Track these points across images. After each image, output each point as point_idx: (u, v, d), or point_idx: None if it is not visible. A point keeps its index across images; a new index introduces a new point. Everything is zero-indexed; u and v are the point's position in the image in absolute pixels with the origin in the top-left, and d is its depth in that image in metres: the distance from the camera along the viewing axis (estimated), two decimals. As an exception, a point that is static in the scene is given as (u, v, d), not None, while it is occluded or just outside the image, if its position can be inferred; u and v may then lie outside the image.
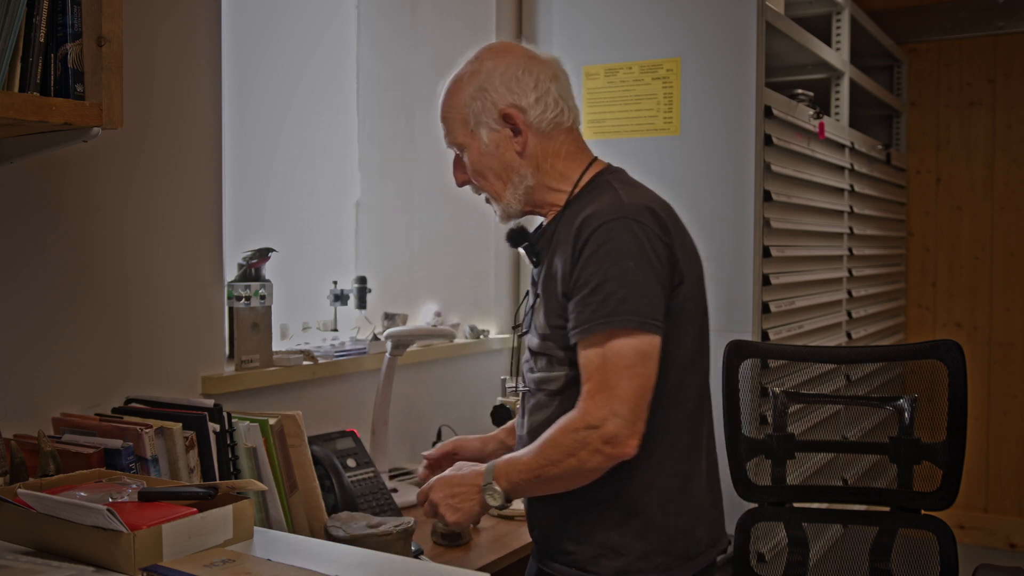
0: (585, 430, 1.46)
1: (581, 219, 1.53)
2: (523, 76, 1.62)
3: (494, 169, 1.64)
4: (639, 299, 1.47)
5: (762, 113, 2.67)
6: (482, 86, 1.62)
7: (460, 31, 2.96)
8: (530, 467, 1.51)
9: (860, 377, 3.36)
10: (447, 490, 1.56)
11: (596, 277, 1.48)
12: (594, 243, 1.49)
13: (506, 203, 1.65)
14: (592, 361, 1.48)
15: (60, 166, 1.78)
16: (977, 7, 4.49)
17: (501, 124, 1.62)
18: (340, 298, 2.57)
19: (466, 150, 1.65)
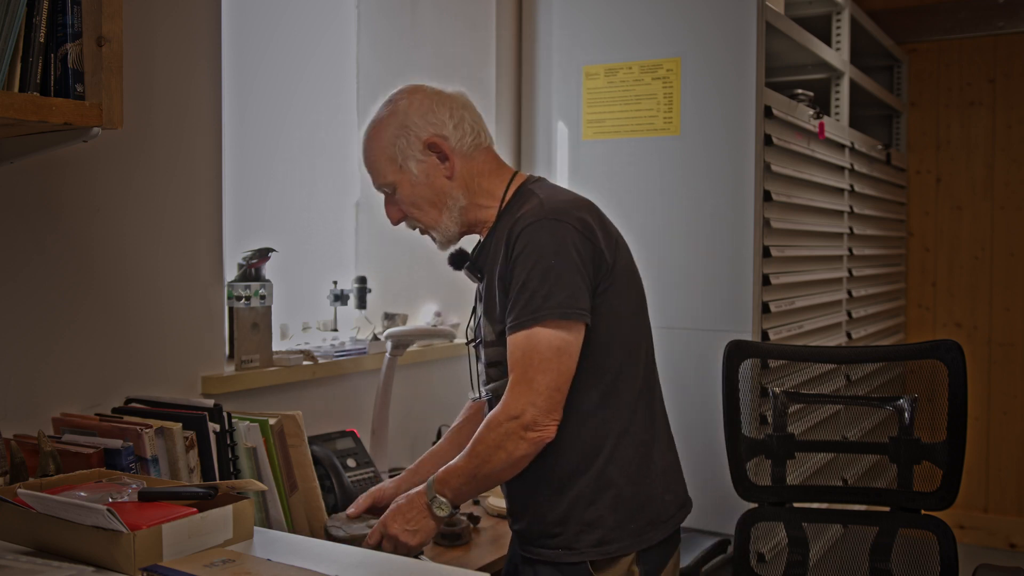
0: (508, 422, 1.55)
1: (510, 227, 1.64)
2: (437, 108, 1.73)
3: (427, 197, 1.72)
4: (560, 292, 1.56)
5: (762, 113, 2.67)
6: (402, 124, 1.72)
7: (460, 31, 2.96)
8: (466, 470, 1.59)
9: (860, 377, 3.36)
10: (399, 519, 1.62)
11: (522, 276, 1.58)
12: (519, 245, 1.59)
13: (444, 228, 1.74)
14: (514, 354, 1.58)
15: (60, 166, 1.78)
16: (977, 7, 4.49)
17: (427, 154, 1.71)
18: (340, 298, 2.57)
19: (398, 186, 1.73)
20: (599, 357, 1.63)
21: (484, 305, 1.70)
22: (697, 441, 2.58)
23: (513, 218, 1.66)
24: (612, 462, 1.65)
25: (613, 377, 1.65)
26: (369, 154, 1.76)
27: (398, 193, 1.74)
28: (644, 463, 1.68)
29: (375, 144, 1.75)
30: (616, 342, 1.65)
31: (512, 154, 3.03)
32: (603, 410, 1.64)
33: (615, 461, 1.65)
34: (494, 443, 1.56)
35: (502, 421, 1.56)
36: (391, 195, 1.76)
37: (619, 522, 1.64)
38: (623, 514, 1.65)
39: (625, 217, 2.86)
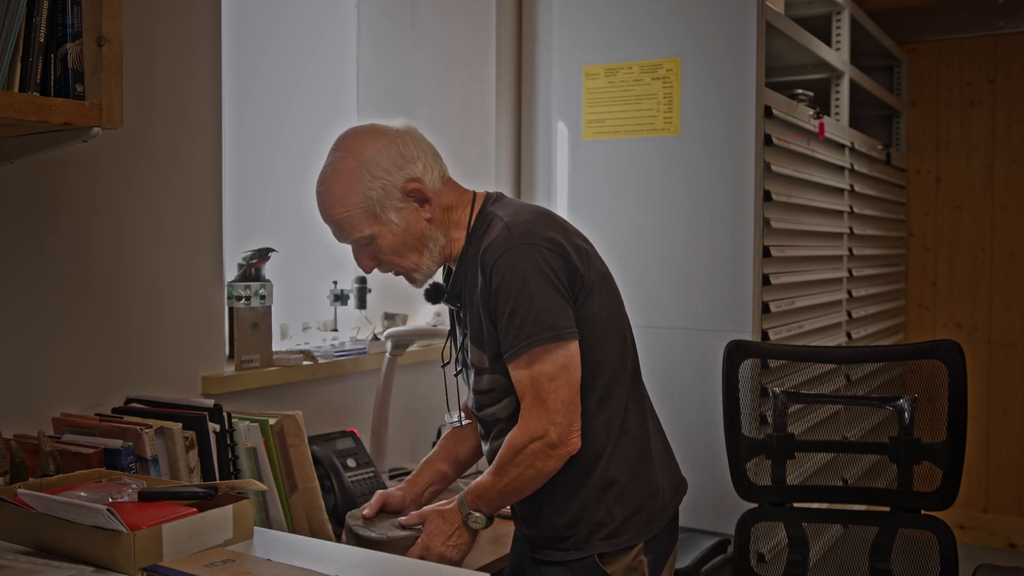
0: (532, 443, 1.60)
1: (480, 254, 1.65)
2: (403, 150, 1.69)
3: (409, 244, 1.69)
4: (547, 314, 1.59)
5: (762, 113, 2.67)
6: (372, 174, 1.66)
7: (460, 31, 2.96)
8: (497, 488, 1.65)
9: (860, 377, 3.36)
10: (440, 539, 1.67)
11: (508, 305, 1.60)
12: (497, 275, 1.61)
13: (425, 269, 1.72)
14: (521, 380, 1.62)
15: (60, 166, 1.78)
16: (977, 7, 4.49)
17: (405, 200, 1.67)
18: (340, 298, 2.57)
19: (377, 238, 1.68)
20: (590, 365, 1.66)
21: (471, 333, 1.71)
22: (697, 441, 2.58)
23: (480, 245, 1.66)
24: (613, 461, 1.69)
25: (606, 381, 1.69)
26: (339, 211, 1.68)
27: (376, 244, 1.69)
28: (642, 457, 1.73)
29: (346, 200, 1.67)
30: (604, 348, 1.68)
31: (512, 154, 3.03)
32: (600, 414, 1.68)
33: (616, 460, 1.69)
34: (523, 463, 1.61)
35: (526, 443, 1.60)
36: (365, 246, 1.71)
37: (626, 516, 1.69)
38: (629, 507, 1.69)
39: (625, 217, 2.87)
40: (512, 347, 1.60)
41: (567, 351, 1.61)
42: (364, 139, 1.71)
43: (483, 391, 1.72)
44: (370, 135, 1.71)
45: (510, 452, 1.62)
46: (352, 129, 1.76)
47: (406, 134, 1.73)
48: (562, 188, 2.94)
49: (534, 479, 1.63)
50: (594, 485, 1.68)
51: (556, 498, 1.69)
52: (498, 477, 1.64)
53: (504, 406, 1.70)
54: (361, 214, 1.67)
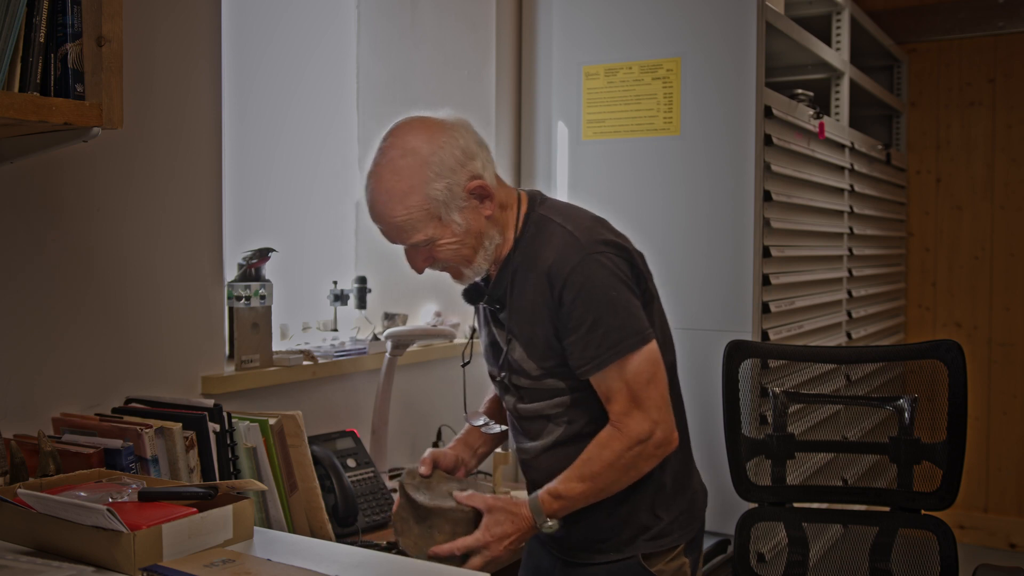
0: (638, 446, 1.59)
1: (546, 268, 1.60)
2: (463, 144, 1.60)
3: (468, 244, 1.62)
4: (630, 320, 1.59)
5: (762, 113, 2.67)
6: (436, 173, 1.56)
7: (460, 31, 2.96)
8: (588, 494, 1.62)
9: (860, 377, 3.36)
10: (502, 542, 1.60)
11: (588, 317, 1.57)
12: (572, 288, 1.57)
13: (477, 268, 1.65)
14: (614, 387, 1.60)
15: (60, 166, 1.78)
16: (977, 7, 4.49)
17: (468, 199, 1.59)
18: (340, 298, 2.57)
19: (438, 239, 1.59)
20: None
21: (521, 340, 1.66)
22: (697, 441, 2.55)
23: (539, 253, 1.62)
24: (664, 467, 1.69)
25: None
26: (397, 212, 1.57)
27: (433, 247, 1.60)
28: (685, 461, 1.76)
29: (408, 202, 1.56)
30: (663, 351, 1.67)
31: (512, 154, 3.03)
32: None
33: (665, 465, 1.69)
34: (624, 466, 1.60)
35: (631, 446, 1.59)
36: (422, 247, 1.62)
37: (672, 518, 1.71)
38: (674, 510, 1.72)
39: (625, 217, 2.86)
40: (597, 357, 1.58)
41: (652, 350, 1.61)
42: (421, 134, 1.58)
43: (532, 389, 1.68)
44: (427, 130, 1.59)
45: (611, 456, 1.59)
46: (405, 123, 1.63)
47: (461, 127, 1.62)
48: (562, 188, 2.94)
49: (631, 480, 1.62)
50: (646, 489, 1.68)
51: (607, 501, 1.66)
52: (590, 483, 1.61)
53: (554, 404, 1.67)
54: (423, 216, 1.57)
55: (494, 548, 1.59)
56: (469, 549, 1.59)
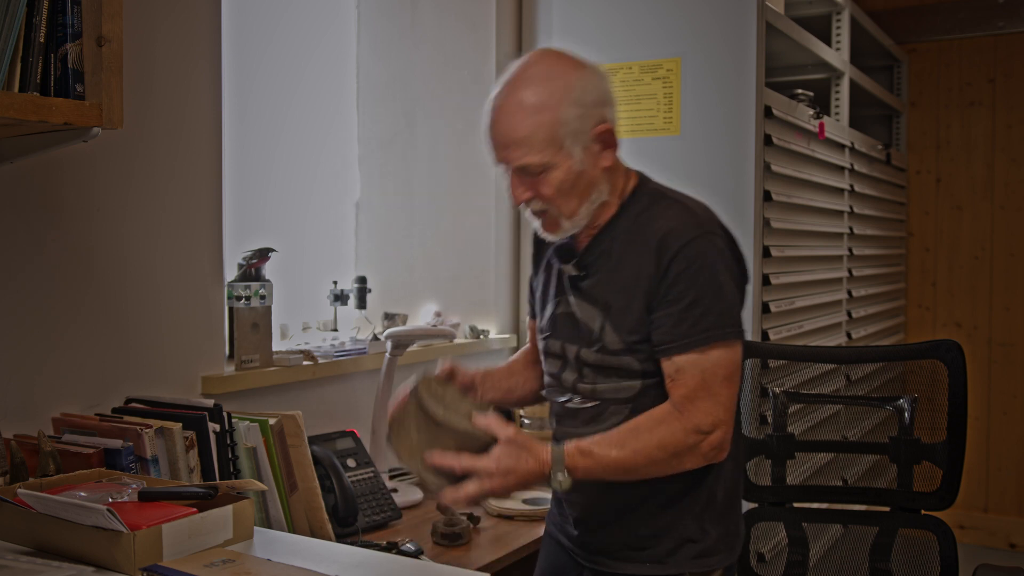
0: (695, 434, 1.48)
1: (659, 237, 1.52)
2: (606, 89, 1.56)
3: (578, 188, 1.53)
4: (731, 311, 1.52)
5: (762, 113, 2.67)
6: (580, 101, 1.50)
7: (460, 31, 2.96)
8: (619, 466, 1.48)
9: (860, 377, 3.36)
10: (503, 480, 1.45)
11: (690, 294, 1.49)
12: (682, 262, 1.50)
13: (577, 220, 1.56)
14: (688, 370, 1.50)
15: (60, 166, 1.78)
16: (977, 7, 4.49)
17: (594, 141, 1.53)
18: (340, 298, 2.57)
19: (551, 169, 1.51)
20: None
21: (613, 312, 1.56)
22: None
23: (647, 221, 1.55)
24: (719, 478, 1.61)
25: None
26: (521, 126, 1.49)
27: (544, 177, 1.52)
28: (736, 480, 1.66)
29: (539, 120, 1.49)
30: None
31: (512, 154, 3.02)
32: None
33: (720, 477, 1.61)
34: (672, 452, 1.48)
35: (688, 431, 1.48)
36: (529, 174, 1.53)
37: (718, 535, 1.60)
38: (721, 529, 1.61)
39: (625, 217, 2.86)
40: (686, 337, 1.49)
41: (738, 352, 1.53)
42: (569, 62, 1.54)
43: (603, 368, 1.58)
44: (575, 60, 1.54)
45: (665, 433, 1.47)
46: (551, 49, 1.58)
47: (604, 74, 1.57)
48: (562, 188, 2.94)
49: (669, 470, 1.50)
50: (697, 498, 1.58)
51: (649, 504, 1.57)
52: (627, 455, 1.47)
53: (621, 387, 1.58)
54: (547, 138, 1.49)
55: (496, 480, 1.45)
56: (471, 472, 1.45)
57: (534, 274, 1.79)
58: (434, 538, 2.04)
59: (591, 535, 1.64)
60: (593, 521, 1.64)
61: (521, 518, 2.22)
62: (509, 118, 1.51)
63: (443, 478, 1.48)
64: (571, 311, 1.63)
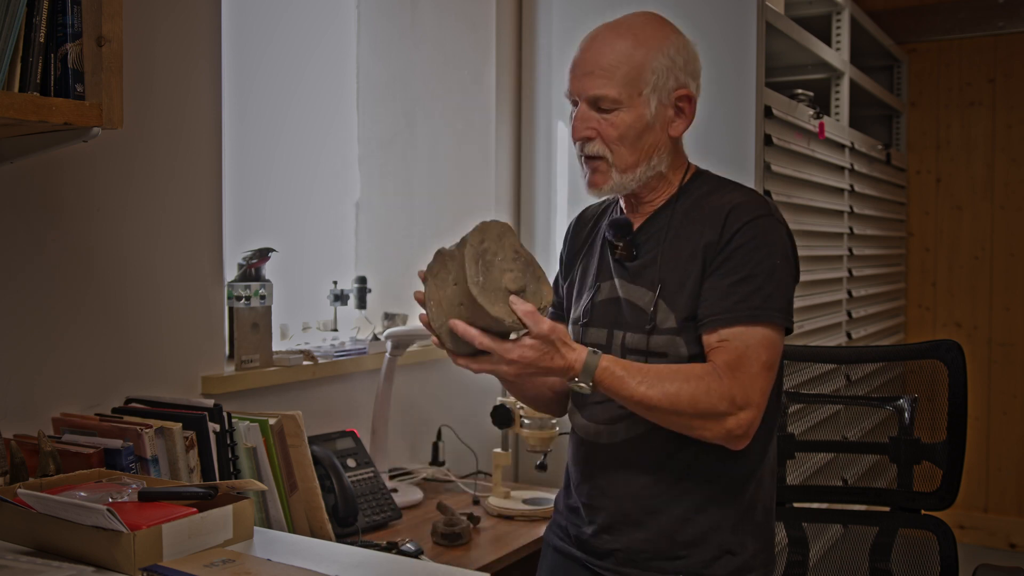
0: (728, 403, 1.40)
1: (730, 207, 1.49)
2: (697, 64, 1.58)
3: (641, 143, 1.51)
4: (781, 296, 1.46)
5: (762, 113, 2.67)
6: (673, 57, 1.52)
7: (460, 31, 2.96)
8: (646, 399, 1.41)
9: (860, 377, 3.35)
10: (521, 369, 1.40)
11: (745, 269, 1.45)
12: (745, 234, 1.46)
13: (627, 179, 1.52)
14: (732, 341, 1.43)
15: (60, 166, 1.78)
16: (977, 7, 4.49)
17: (671, 102, 1.53)
18: (340, 298, 2.57)
19: (620, 109, 1.49)
20: None
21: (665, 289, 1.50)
22: (697, 441, 2.57)
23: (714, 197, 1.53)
24: (760, 488, 1.54)
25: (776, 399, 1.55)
26: (609, 55, 1.49)
27: (613, 116, 1.49)
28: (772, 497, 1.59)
29: (628, 52, 1.49)
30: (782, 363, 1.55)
31: (512, 154, 3.03)
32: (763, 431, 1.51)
33: (763, 487, 1.55)
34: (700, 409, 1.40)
35: (724, 396, 1.40)
36: (599, 110, 1.50)
37: (756, 550, 1.53)
38: (760, 542, 1.54)
39: (625, 217, 2.86)
40: (731, 311, 1.43)
41: (781, 344, 1.47)
42: (673, 26, 1.58)
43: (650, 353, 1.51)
44: (678, 30, 1.58)
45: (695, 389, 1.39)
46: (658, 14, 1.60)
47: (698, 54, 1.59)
48: (562, 188, 2.94)
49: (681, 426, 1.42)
50: (739, 506, 1.51)
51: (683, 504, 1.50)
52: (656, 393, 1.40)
53: None
54: (628, 75, 1.49)
55: (514, 368, 1.39)
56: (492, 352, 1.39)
57: (564, 270, 1.74)
58: (434, 538, 2.04)
59: (617, 541, 1.54)
60: (621, 523, 1.54)
61: (521, 518, 2.22)
62: (601, 46, 1.51)
63: (461, 343, 1.41)
64: (616, 295, 1.58)
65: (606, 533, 1.56)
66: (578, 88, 1.53)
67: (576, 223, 1.77)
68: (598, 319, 1.60)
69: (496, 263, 1.41)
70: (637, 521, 1.52)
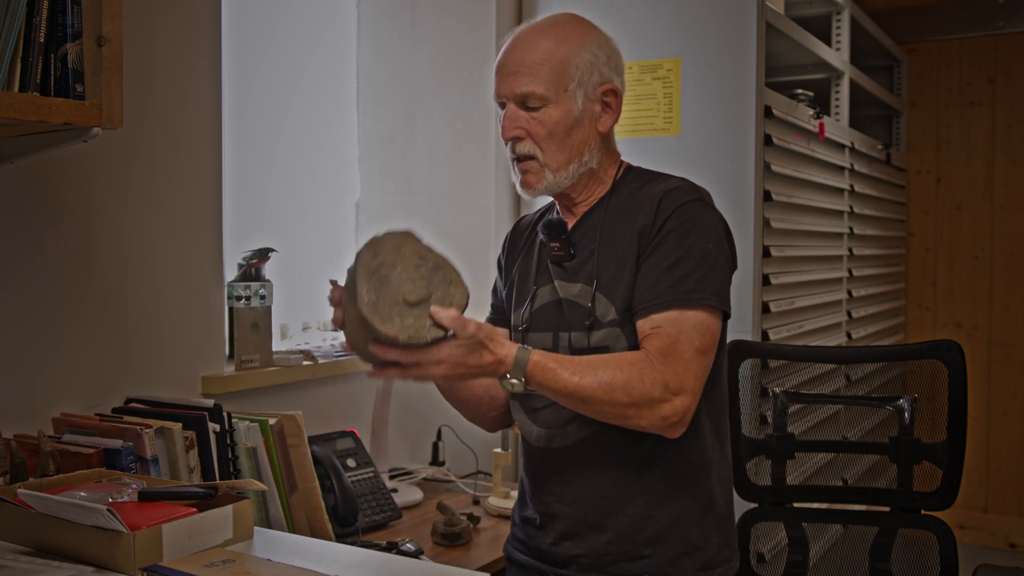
0: (662, 389, 1.38)
1: (660, 195, 1.49)
2: (621, 60, 1.59)
3: (570, 139, 1.52)
4: (715, 279, 1.45)
5: (762, 113, 2.67)
6: (595, 52, 1.53)
7: (460, 31, 2.96)
8: (579, 390, 1.39)
9: (860, 377, 3.35)
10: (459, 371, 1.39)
11: (674, 254, 1.44)
12: (676, 220, 1.46)
13: (559, 178, 1.54)
14: (664, 328, 1.41)
15: (60, 166, 1.78)
16: (977, 7, 4.49)
17: (597, 97, 1.54)
18: (340, 298, 2.56)
19: (547, 106, 1.50)
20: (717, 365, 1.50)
21: (602, 283, 1.50)
22: (697, 441, 2.57)
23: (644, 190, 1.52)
24: (718, 479, 1.54)
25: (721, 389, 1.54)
26: (533, 54, 1.50)
27: (541, 114, 1.50)
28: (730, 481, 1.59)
29: (551, 49, 1.50)
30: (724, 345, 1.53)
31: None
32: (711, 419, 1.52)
33: (720, 479, 1.54)
34: (635, 397, 1.38)
35: (657, 383, 1.38)
36: (527, 109, 1.51)
37: (721, 543, 1.53)
38: (723, 535, 1.54)
39: (625, 217, 2.86)
40: (661, 298, 1.42)
41: (717, 326, 1.45)
42: (593, 25, 1.60)
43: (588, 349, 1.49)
44: (593, 26, 1.59)
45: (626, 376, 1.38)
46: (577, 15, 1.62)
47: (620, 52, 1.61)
48: (562, 188, 2.94)
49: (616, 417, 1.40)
50: (698, 498, 1.50)
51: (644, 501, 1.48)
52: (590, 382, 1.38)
53: None
54: (553, 72, 1.50)
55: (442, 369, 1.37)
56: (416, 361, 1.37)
57: (503, 277, 1.75)
58: (434, 538, 2.04)
59: (579, 546, 1.52)
60: (581, 528, 1.52)
61: (521, 518, 2.22)
62: (525, 44, 1.53)
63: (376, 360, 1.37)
64: (556, 297, 1.57)
65: (567, 540, 1.54)
66: (505, 88, 1.53)
67: (512, 232, 1.78)
68: (539, 323, 1.59)
69: (392, 277, 1.37)
70: (596, 524, 1.50)
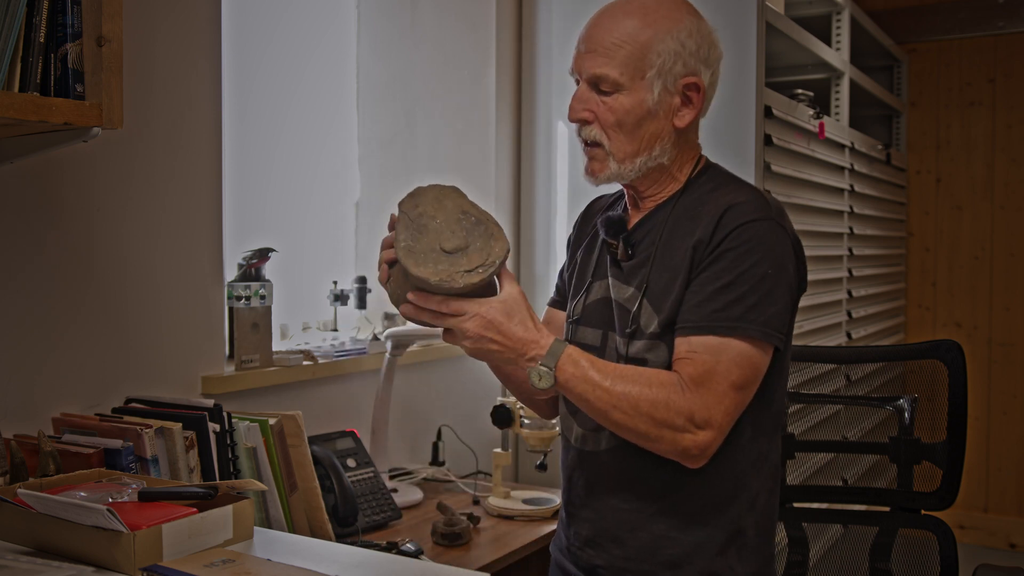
0: (685, 420, 1.31)
1: (724, 208, 1.38)
2: (716, 52, 1.44)
3: (640, 130, 1.41)
4: (768, 308, 1.34)
5: (762, 113, 2.67)
6: (683, 40, 1.40)
7: (460, 31, 2.96)
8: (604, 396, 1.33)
9: (860, 377, 3.35)
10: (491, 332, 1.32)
11: (727, 275, 1.34)
12: (736, 239, 1.36)
13: (624, 169, 1.43)
14: (701, 354, 1.33)
15: (60, 166, 1.78)
16: (977, 7, 4.49)
17: (677, 90, 1.42)
18: (340, 298, 2.57)
19: (620, 92, 1.40)
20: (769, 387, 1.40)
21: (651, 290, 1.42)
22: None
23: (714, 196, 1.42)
24: (751, 508, 1.44)
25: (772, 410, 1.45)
26: (614, 34, 1.39)
27: (612, 99, 1.40)
28: (770, 515, 1.48)
29: (633, 32, 1.38)
30: (784, 373, 1.45)
31: (512, 154, 3.03)
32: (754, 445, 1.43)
33: (754, 508, 1.44)
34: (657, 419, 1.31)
35: (681, 412, 1.31)
36: (599, 92, 1.41)
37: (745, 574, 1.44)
38: (751, 566, 1.44)
39: (625, 217, 2.86)
40: (705, 321, 1.33)
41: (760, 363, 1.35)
42: (693, 9, 1.45)
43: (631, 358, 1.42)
44: (698, 11, 1.45)
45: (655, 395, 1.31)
46: None
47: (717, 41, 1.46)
48: (562, 188, 2.94)
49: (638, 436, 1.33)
50: (722, 526, 1.41)
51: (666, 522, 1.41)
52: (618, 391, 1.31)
53: None
54: (630, 58, 1.39)
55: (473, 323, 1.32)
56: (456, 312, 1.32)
57: (568, 260, 1.66)
58: (434, 538, 2.04)
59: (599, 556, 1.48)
60: (601, 538, 1.47)
61: (521, 518, 2.22)
62: (607, 23, 1.41)
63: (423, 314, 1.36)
64: (607, 296, 1.49)
65: (590, 548, 1.50)
66: (579, 66, 1.44)
67: (585, 212, 1.68)
68: (590, 319, 1.52)
69: (432, 226, 1.35)
70: (616, 537, 1.46)
